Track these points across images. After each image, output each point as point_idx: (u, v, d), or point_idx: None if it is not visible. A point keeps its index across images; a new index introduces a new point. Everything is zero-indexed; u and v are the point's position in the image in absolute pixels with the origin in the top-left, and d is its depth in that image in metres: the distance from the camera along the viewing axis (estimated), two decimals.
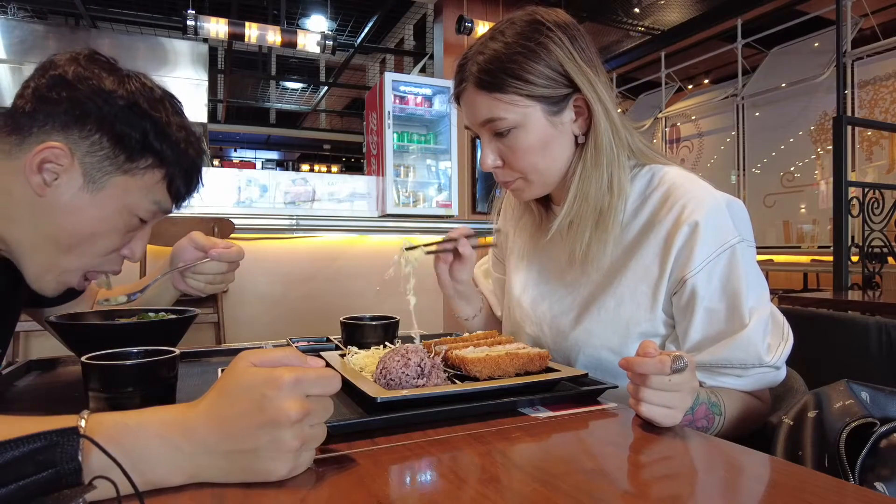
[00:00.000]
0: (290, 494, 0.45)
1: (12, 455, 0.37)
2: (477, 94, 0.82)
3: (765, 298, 0.79)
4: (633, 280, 0.82)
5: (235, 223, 2.91)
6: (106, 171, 0.73)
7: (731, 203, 0.80)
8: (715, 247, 0.77)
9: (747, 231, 0.80)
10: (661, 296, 0.80)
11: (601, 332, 0.84)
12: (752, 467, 0.54)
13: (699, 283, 0.77)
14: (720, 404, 0.74)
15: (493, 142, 0.85)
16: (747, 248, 0.79)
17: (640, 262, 0.82)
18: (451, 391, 0.66)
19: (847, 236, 2.68)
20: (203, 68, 5.09)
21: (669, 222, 0.80)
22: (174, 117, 0.78)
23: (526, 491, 0.45)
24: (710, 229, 0.77)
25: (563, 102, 0.82)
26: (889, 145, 4.61)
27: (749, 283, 0.76)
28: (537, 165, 0.84)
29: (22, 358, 2.88)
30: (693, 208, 0.78)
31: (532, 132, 0.82)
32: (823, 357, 1.20)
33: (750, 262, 0.78)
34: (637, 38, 6.86)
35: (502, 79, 0.79)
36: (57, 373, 0.92)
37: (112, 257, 0.81)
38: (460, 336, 0.92)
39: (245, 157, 14.51)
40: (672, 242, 0.78)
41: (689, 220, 0.77)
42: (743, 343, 0.75)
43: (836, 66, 3.13)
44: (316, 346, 1.02)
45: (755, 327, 0.75)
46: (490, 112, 0.81)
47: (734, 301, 0.76)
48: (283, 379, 0.45)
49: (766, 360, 0.75)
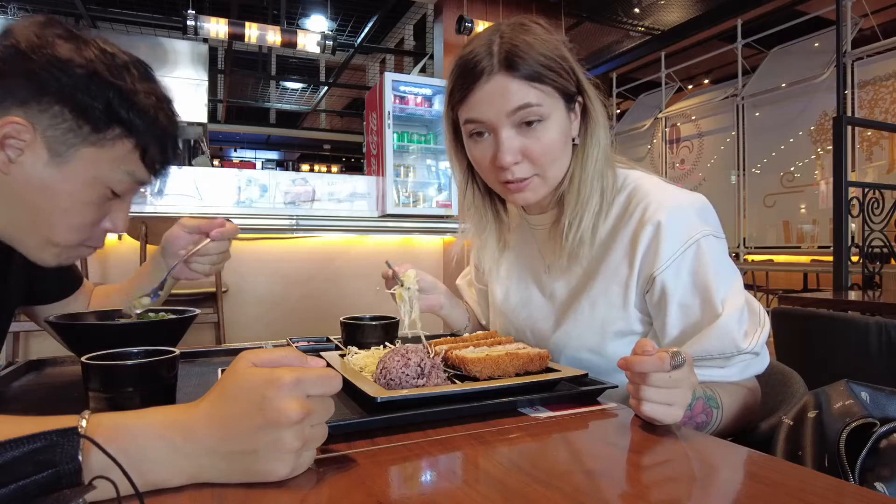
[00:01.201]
0: (291, 495, 0.45)
1: (12, 455, 0.37)
2: (509, 80, 0.80)
3: (737, 287, 0.79)
4: (605, 281, 0.84)
5: (235, 223, 2.91)
6: (71, 144, 0.70)
7: (693, 200, 0.82)
8: (679, 243, 0.78)
9: (713, 224, 0.82)
10: (631, 294, 0.82)
11: (579, 334, 0.86)
12: (752, 467, 0.54)
13: (668, 279, 0.78)
14: (716, 398, 0.74)
15: (518, 135, 0.82)
16: (714, 240, 0.80)
17: (610, 264, 0.84)
18: (451, 391, 0.66)
19: (847, 236, 2.69)
20: (203, 68, 5.09)
21: (634, 222, 0.82)
22: (141, 84, 0.75)
23: (526, 491, 0.45)
24: (674, 226, 0.79)
25: (573, 102, 0.85)
26: (889, 145, 4.61)
27: (719, 273, 0.78)
28: (556, 163, 0.85)
29: (22, 358, 2.88)
30: (655, 208, 0.80)
31: (557, 125, 0.83)
32: (823, 357, 1.20)
33: (718, 254, 0.80)
34: (637, 38, 6.86)
35: (536, 67, 0.80)
36: (57, 373, 0.92)
37: (95, 232, 0.79)
38: (460, 336, 0.92)
39: (245, 157, 14.51)
40: (638, 241, 0.81)
41: (652, 220, 0.80)
42: (718, 332, 0.76)
43: (836, 66, 3.13)
44: (316, 346, 1.02)
45: (729, 316, 0.76)
46: (526, 98, 0.80)
47: (705, 293, 0.77)
48: (283, 379, 0.45)
49: (742, 346, 0.76)
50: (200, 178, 3.64)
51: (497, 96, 0.81)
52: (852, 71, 4.78)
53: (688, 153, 6.56)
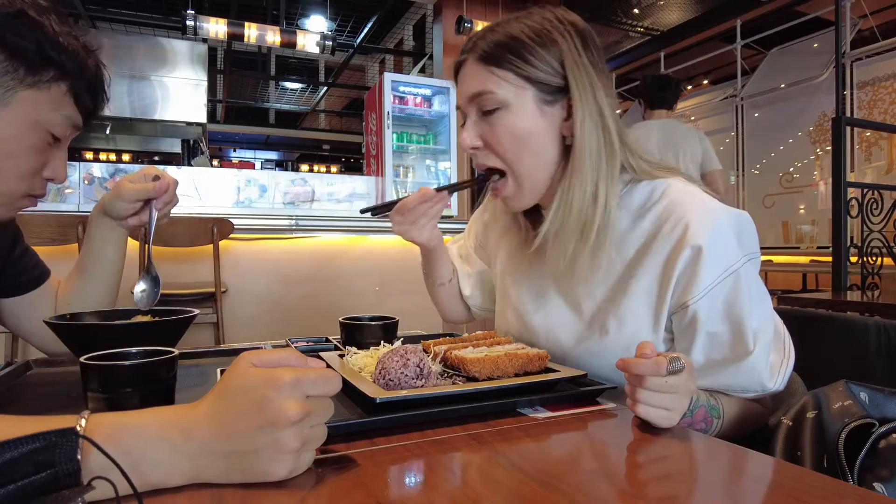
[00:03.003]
0: (290, 495, 0.45)
1: (11, 455, 0.37)
2: (475, 66, 0.81)
3: (768, 315, 0.76)
4: (635, 302, 0.78)
5: (234, 223, 2.91)
6: (9, 87, 0.71)
7: (735, 220, 0.77)
8: (719, 272, 0.73)
9: (753, 245, 0.77)
10: (662, 318, 0.78)
11: (602, 353, 0.81)
12: (751, 468, 0.54)
13: (701, 309, 0.74)
14: (719, 407, 0.73)
15: (479, 122, 0.82)
16: (751, 265, 0.76)
17: (642, 284, 0.78)
18: (450, 391, 0.66)
19: (846, 237, 2.69)
20: (202, 68, 5.09)
21: (671, 243, 0.76)
22: (63, 27, 0.76)
23: (525, 491, 0.45)
24: (714, 254, 0.73)
25: (556, 94, 0.80)
26: (888, 146, 4.62)
27: (752, 303, 0.74)
28: (520, 155, 0.81)
29: (21, 358, 2.88)
30: (696, 230, 0.74)
31: (519, 115, 0.79)
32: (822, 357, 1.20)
33: (754, 280, 0.76)
34: (636, 38, 6.86)
35: (501, 54, 0.79)
36: (57, 373, 0.92)
37: (36, 181, 0.79)
38: (459, 336, 0.92)
39: (244, 157, 14.49)
40: (674, 266, 0.75)
41: (691, 244, 0.73)
42: (746, 370, 0.73)
43: (836, 67, 3.13)
44: (315, 347, 1.02)
45: (760, 353, 0.73)
46: (482, 85, 0.80)
47: (738, 327, 0.73)
48: (283, 380, 0.45)
49: (768, 386, 0.74)
50: (199, 178, 3.64)
51: (464, 81, 0.83)
52: (851, 72, 4.78)
53: None
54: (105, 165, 3.47)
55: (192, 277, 3.30)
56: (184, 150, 6.23)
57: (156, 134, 6.17)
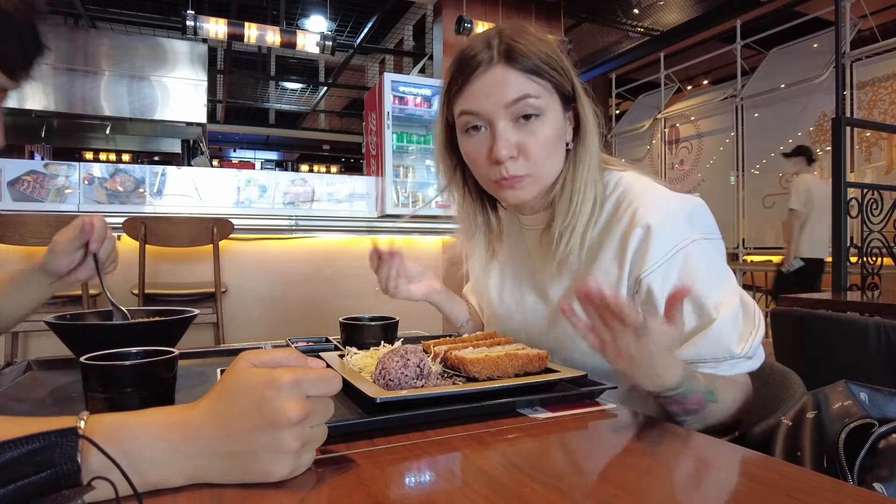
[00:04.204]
0: (290, 495, 0.45)
1: (11, 455, 0.37)
2: (508, 71, 0.80)
3: (731, 289, 0.79)
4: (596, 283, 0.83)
5: (234, 223, 2.91)
6: None
7: (685, 202, 0.81)
8: (668, 247, 0.77)
9: (707, 227, 0.81)
10: (622, 296, 0.80)
11: (573, 335, 0.84)
12: (751, 468, 0.54)
13: (654, 284, 0.77)
14: (716, 393, 0.73)
15: (514, 129, 0.81)
16: (706, 243, 0.79)
17: (601, 266, 0.83)
18: (450, 392, 0.66)
19: (846, 237, 2.69)
20: (202, 68, 5.09)
21: (624, 224, 0.81)
22: None
23: (525, 492, 0.45)
24: (663, 230, 0.78)
25: (568, 104, 0.85)
26: (888, 146, 4.62)
27: (710, 277, 0.77)
28: (549, 161, 0.84)
29: (21, 358, 2.88)
30: (645, 211, 0.79)
31: (552, 123, 0.82)
32: (822, 358, 1.20)
33: (710, 257, 0.78)
34: (636, 38, 6.86)
35: (535, 62, 0.80)
36: (57, 373, 0.92)
37: None
38: (459, 337, 0.92)
39: (244, 157, 14.50)
40: (627, 243, 0.80)
41: (641, 223, 0.78)
42: (713, 337, 0.75)
43: (835, 67, 3.13)
44: (315, 347, 1.02)
45: (724, 320, 0.75)
46: (525, 89, 0.80)
47: (698, 300, 0.76)
48: (282, 380, 0.45)
49: (735, 351, 0.76)
50: (199, 178, 3.64)
51: (496, 86, 0.80)
52: (851, 72, 4.79)
53: (687, 154, 6.57)
54: (105, 165, 3.47)
55: (192, 277, 3.31)
56: (184, 151, 6.23)
57: (156, 134, 6.18)
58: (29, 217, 2.57)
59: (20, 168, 3.28)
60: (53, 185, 3.32)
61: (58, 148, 7.59)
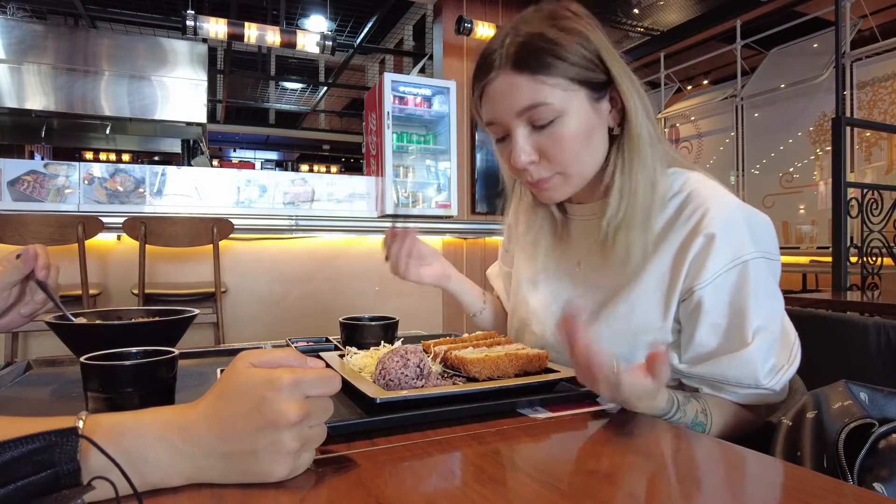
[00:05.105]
0: (290, 495, 0.45)
1: (11, 455, 0.37)
2: (516, 77, 0.75)
3: (776, 317, 0.76)
4: (648, 287, 0.79)
5: (234, 223, 2.91)
6: None
7: (751, 216, 0.77)
8: (727, 260, 0.74)
9: (768, 245, 0.77)
10: (672, 305, 0.78)
11: (610, 339, 0.81)
12: (751, 468, 0.54)
13: (706, 296, 0.74)
14: (707, 423, 0.73)
15: (532, 135, 0.77)
16: (764, 263, 0.75)
17: (656, 270, 0.79)
18: (450, 392, 0.66)
19: (846, 237, 2.69)
20: (202, 68, 5.08)
21: (686, 230, 0.77)
22: None
23: (525, 492, 0.45)
24: (725, 242, 0.74)
25: (602, 90, 0.78)
26: (888, 146, 4.62)
27: (758, 300, 0.73)
28: (580, 156, 0.79)
29: (21, 358, 2.88)
30: (711, 218, 0.75)
31: (577, 120, 0.76)
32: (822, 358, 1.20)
33: (764, 278, 0.75)
34: (636, 38, 6.86)
35: (547, 60, 0.74)
36: (57, 373, 0.92)
37: None
38: (459, 337, 0.92)
39: (244, 157, 14.49)
40: (687, 251, 0.76)
41: (705, 231, 0.75)
42: (741, 362, 0.73)
43: (836, 67, 3.13)
44: (315, 347, 1.02)
45: (757, 348, 0.72)
46: (533, 97, 0.74)
47: (739, 318, 0.74)
48: (282, 380, 0.45)
49: (763, 383, 0.73)
50: (199, 178, 3.64)
51: (504, 95, 0.76)
52: (851, 72, 4.78)
53: (687, 154, 6.56)
54: (105, 165, 3.47)
55: (192, 277, 3.31)
56: (184, 151, 6.23)
57: (156, 134, 6.18)
58: (29, 217, 2.57)
59: (20, 168, 3.28)
60: (53, 185, 3.32)
61: (58, 148, 7.59)
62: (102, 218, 2.67)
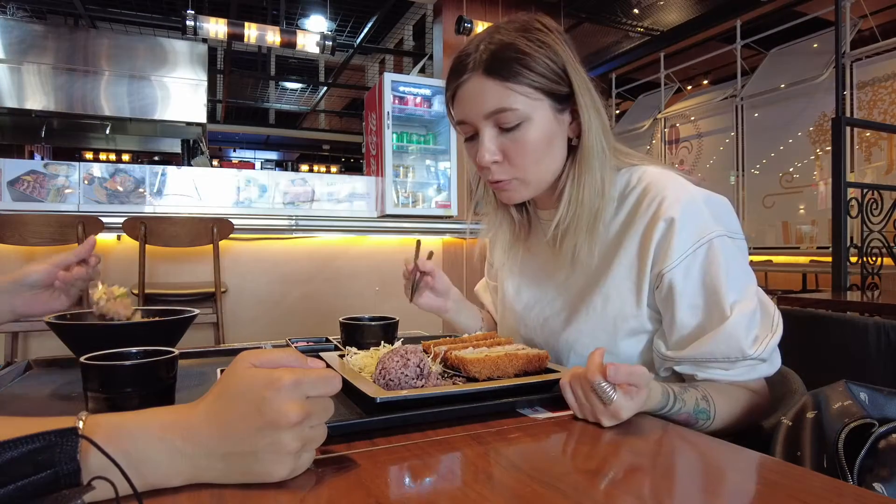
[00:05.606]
0: (290, 495, 0.45)
1: (11, 455, 0.37)
2: (486, 81, 0.80)
3: (750, 290, 0.78)
4: (618, 278, 0.83)
5: (234, 223, 2.91)
6: None
7: (709, 198, 0.81)
8: (691, 241, 0.77)
9: (731, 225, 0.80)
10: (644, 291, 0.81)
11: (591, 331, 0.85)
12: (752, 468, 0.54)
13: (676, 278, 0.77)
14: (709, 410, 0.73)
15: (498, 136, 0.83)
16: (729, 240, 0.78)
17: (623, 260, 0.82)
18: (450, 392, 0.66)
19: (846, 237, 2.69)
20: (202, 68, 5.09)
21: (647, 218, 0.80)
22: None
23: (525, 492, 0.45)
24: (687, 224, 0.77)
25: (565, 102, 0.83)
26: (888, 146, 4.62)
27: (730, 275, 0.76)
28: (540, 163, 0.83)
29: (21, 358, 2.88)
30: (669, 204, 0.78)
31: (540, 127, 0.81)
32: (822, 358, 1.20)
33: (732, 255, 0.78)
34: (636, 38, 6.86)
35: (516, 68, 0.78)
36: (57, 373, 0.92)
37: None
38: (459, 337, 0.92)
39: (244, 157, 14.49)
40: (650, 237, 0.79)
41: (665, 216, 0.78)
42: (724, 337, 0.74)
43: (835, 67, 3.13)
44: (315, 347, 1.02)
45: (737, 321, 0.74)
46: (500, 102, 0.79)
47: (713, 296, 0.76)
48: (282, 381, 0.45)
49: (748, 352, 0.75)
50: (199, 178, 3.64)
51: (475, 97, 0.81)
52: (851, 72, 4.78)
53: (687, 154, 6.56)
54: (105, 165, 3.47)
55: (192, 277, 3.31)
56: (184, 151, 6.23)
57: (155, 134, 6.18)
58: (29, 217, 2.57)
59: (20, 168, 3.28)
60: (53, 185, 3.32)
61: (58, 148, 7.59)
62: (102, 218, 2.67)
